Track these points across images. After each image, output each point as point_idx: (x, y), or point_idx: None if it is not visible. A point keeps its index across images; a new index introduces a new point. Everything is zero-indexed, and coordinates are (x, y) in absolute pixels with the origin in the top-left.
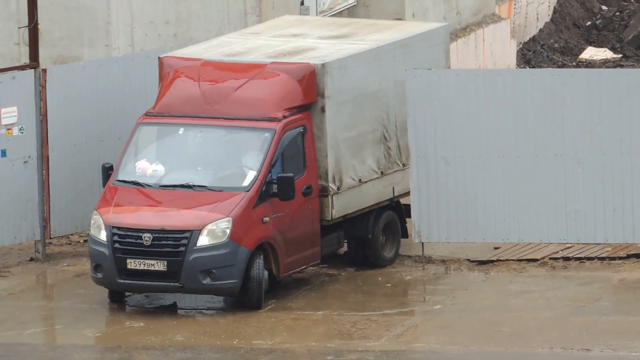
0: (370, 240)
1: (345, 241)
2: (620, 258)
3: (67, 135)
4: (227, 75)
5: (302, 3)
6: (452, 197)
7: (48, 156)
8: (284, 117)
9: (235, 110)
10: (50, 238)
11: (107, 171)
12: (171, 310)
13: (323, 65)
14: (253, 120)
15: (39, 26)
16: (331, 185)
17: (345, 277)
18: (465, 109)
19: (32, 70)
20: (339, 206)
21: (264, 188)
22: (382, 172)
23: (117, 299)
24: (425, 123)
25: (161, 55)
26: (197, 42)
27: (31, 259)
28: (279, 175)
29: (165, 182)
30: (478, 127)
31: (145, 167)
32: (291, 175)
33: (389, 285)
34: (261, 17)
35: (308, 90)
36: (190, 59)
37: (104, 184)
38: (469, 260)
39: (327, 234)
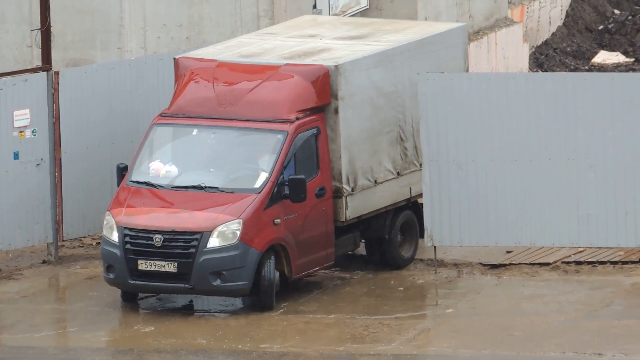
0: (387, 240)
1: (363, 241)
2: (633, 262)
3: (79, 138)
4: (241, 77)
5: (314, 6)
6: (465, 201)
7: (60, 159)
8: (297, 118)
9: (248, 111)
10: (63, 241)
11: (122, 171)
12: (183, 313)
13: (336, 66)
14: (266, 122)
15: (52, 29)
16: (345, 186)
17: (357, 280)
18: (478, 113)
19: (45, 72)
20: (353, 207)
21: (275, 190)
22: (398, 173)
23: (130, 299)
24: (438, 127)
25: (177, 56)
26: (210, 45)
27: (43, 262)
28: (290, 177)
29: (177, 183)
30: (490, 131)
31: (159, 168)
32: (302, 177)
33: (402, 288)
34: (274, 20)
35: (321, 91)
36: (206, 60)
37: (119, 185)
38: (481, 264)
39: (342, 235)
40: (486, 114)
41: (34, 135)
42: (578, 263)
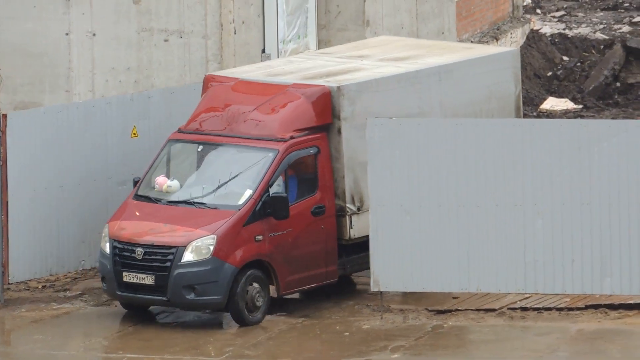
0: None
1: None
2: (579, 309)
3: (26, 181)
4: (251, 96)
5: (263, 50)
6: (411, 246)
7: (7, 202)
8: (292, 137)
9: (249, 130)
10: (9, 284)
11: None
12: (130, 357)
13: (338, 88)
14: (260, 139)
15: (0, 72)
16: (349, 205)
17: (303, 325)
18: (426, 158)
19: None
20: (360, 226)
21: (258, 206)
22: None
23: (127, 307)
24: (385, 171)
25: (207, 74)
26: (159, 88)
27: None
28: (272, 194)
29: (172, 198)
30: (438, 177)
31: (162, 182)
32: (284, 194)
33: (347, 333)
34: (222, 64)
35: (322, 112)
36: (228, 78)
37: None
38: (427, 309)
39: (355, 253)
40: (434, 160)
41: None
42: (524, 309)
